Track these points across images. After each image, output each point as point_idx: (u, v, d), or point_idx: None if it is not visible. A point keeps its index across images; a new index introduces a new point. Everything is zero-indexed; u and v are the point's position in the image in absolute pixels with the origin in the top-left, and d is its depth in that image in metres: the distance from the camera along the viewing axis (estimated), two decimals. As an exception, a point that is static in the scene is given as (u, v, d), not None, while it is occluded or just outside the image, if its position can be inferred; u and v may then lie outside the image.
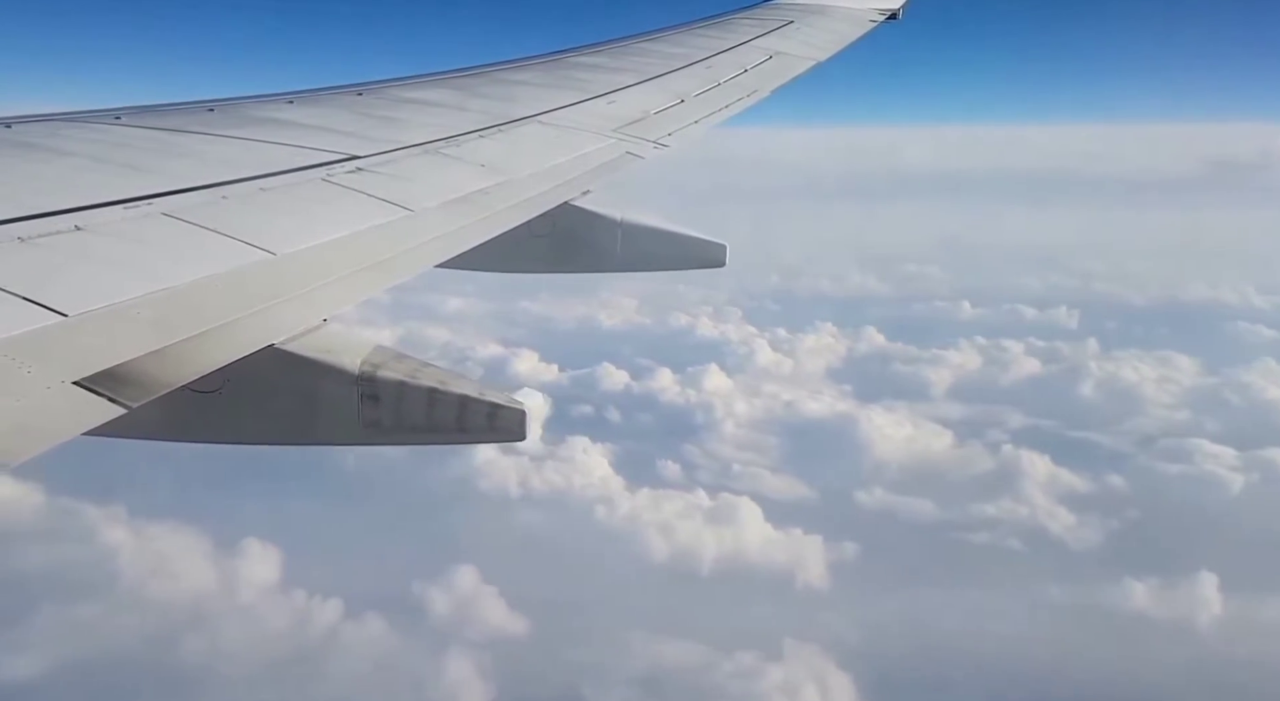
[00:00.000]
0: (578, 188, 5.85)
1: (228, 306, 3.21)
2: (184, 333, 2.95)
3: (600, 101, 7.60)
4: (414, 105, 6.69)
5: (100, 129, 4.95)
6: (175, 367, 2.81)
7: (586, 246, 6.12)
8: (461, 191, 5.03)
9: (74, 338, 2.73)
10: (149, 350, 2.78)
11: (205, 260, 3.46)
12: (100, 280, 3.09)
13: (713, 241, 6.48)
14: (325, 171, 4.76)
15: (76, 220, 3.47)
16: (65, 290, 2.92)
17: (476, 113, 6.67)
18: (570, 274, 6.78)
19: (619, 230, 6.17)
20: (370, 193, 4.63)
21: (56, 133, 4.75)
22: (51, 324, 2.73)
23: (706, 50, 9.80)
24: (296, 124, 5.67)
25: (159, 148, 4.79)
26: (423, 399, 3.59)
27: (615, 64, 8.93)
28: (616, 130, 6.94)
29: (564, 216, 5.74)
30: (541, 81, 8.06)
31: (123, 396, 2.57)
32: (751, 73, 9.28)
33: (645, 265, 6.44)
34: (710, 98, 8.32)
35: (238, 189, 4.25)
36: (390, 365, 3.60)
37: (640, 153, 6.64)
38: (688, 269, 6.60)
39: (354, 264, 3.88)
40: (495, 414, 3.65)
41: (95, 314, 2.86)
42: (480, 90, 7.46)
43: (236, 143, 5.10)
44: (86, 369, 2.59)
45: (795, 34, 11.02)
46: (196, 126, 5.29)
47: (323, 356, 3.47)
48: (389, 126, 5.92)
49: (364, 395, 3.55)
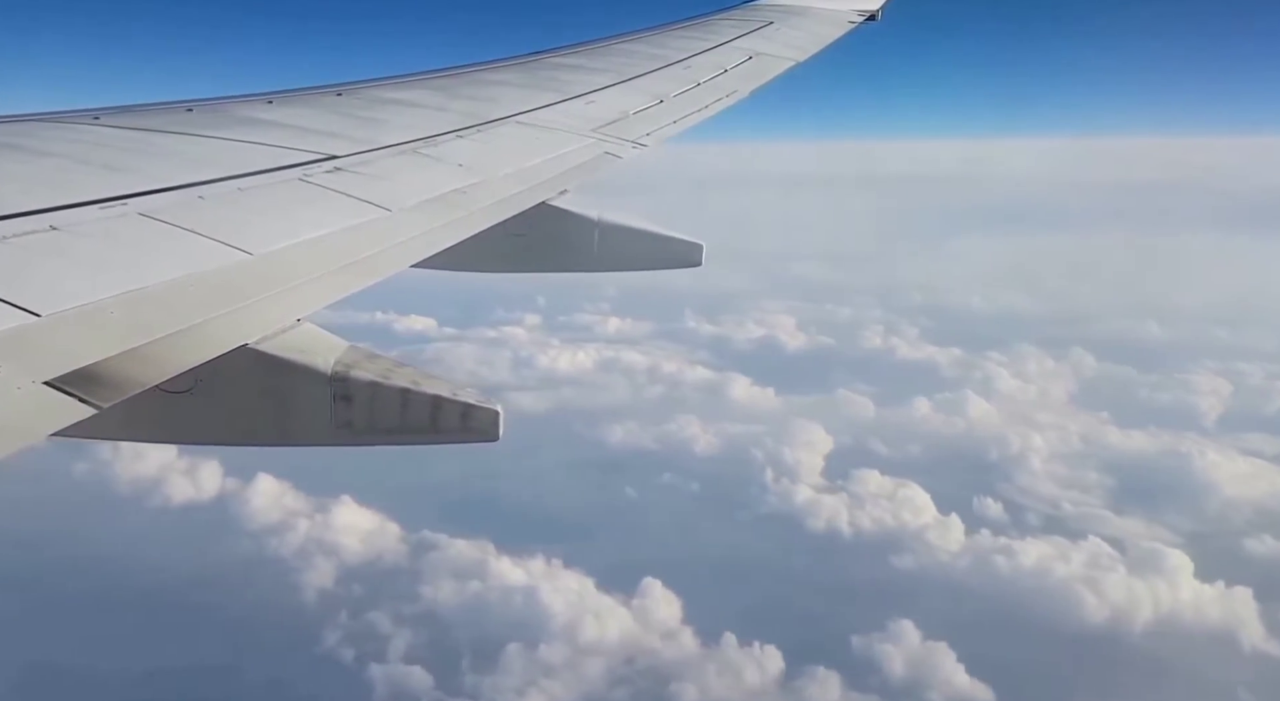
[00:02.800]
0: (555, 188, 5.88)
1: (202, 306, 3.22)
2: (157, 332, 2.96)
3: (579, 102, 7.63)
4: (393, 105, 6.70)
5: (78, 129, 4.95)
6: (147, 368, 2.83)
7: (564, 246, 6.15)
8: (439, 191, 5.05)
9: (46, 337, 2.74)
10: (121, 350, 2.79)
11: (181, 260, 3.46)
12: (74, 280, 3.10)
13: (690, 241, 6.52)
14: (303, 171, 4.77)
15: (52, 220, 3.48)
16: (39, 290, 2.93)
17: (455, 113, 6.69)
18: (549, 273, 6.81)
19: (596, 230, 6.20)
20: (348, 193, 4.65)
21: (33, 133, 4.74)
22: (24, 324, 2.74)
23: (686, 51, 9.83)
24: (275, 124, 5.67)
25: (136, 148, 4.79)
26: (395, 399, 3.61)
27: (594, 65, 8.96)
28: (595, 130, 6.97)
29: (541, 216, 5.76)
30: (520, 82, 8.07)
31: (94, 397, 2.58)
32: (731, 73, 9.32)
33: (623, 265, 6.47)
34: (689, 98, 8.36)
35: (215, 189, 4.26)
36: (363, 365, 3.61)
37: (619, 153, 6.67)
38: (665, 269, 6.64)
39: (331, 264, 3.89)
40: (469, 414, 3.67)
41: (68, 314, 2.87)
42: (459, 91, 7.47)
43: (214, 143, 5.11)
44: (58, 369, 2.60)
45: (775, 35, 11.06)
46: (174, 126, 5.29)
47: (295, 356, 3.48)
48: (368, 126, 5.94)
49: (337, 395, 3.56)
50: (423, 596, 54.46)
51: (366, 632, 51.26)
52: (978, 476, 69.03)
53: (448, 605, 53.75)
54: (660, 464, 71.22)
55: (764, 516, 64.54)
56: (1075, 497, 67.09)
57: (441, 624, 52.13)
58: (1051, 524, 62.99)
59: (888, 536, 61.40)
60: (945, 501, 63.78)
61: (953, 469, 69.68)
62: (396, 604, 53.56)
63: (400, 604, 53.61)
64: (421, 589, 55.06)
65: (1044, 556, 57.93)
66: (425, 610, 53.32)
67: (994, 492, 66.53)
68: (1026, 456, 72.12)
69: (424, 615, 52.83)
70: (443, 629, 51.68)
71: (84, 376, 2.63)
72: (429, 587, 55.09)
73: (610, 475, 69.44)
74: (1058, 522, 63.23)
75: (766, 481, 68.44)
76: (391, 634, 51.13)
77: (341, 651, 50.08)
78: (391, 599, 53.91)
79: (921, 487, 65.58)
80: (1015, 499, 66.50)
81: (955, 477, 67.76)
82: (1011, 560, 57.83)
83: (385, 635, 51.08)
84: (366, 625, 51.76)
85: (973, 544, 60.14)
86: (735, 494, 66.97)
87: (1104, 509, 65.42)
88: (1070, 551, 58.37)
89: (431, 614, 52.94)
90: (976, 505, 64.73)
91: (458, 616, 52.76)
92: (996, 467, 71.05)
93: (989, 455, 73.07)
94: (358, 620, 52.11)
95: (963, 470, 69.74)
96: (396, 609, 53.10)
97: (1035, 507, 65.56)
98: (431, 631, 51.35)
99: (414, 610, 53.23)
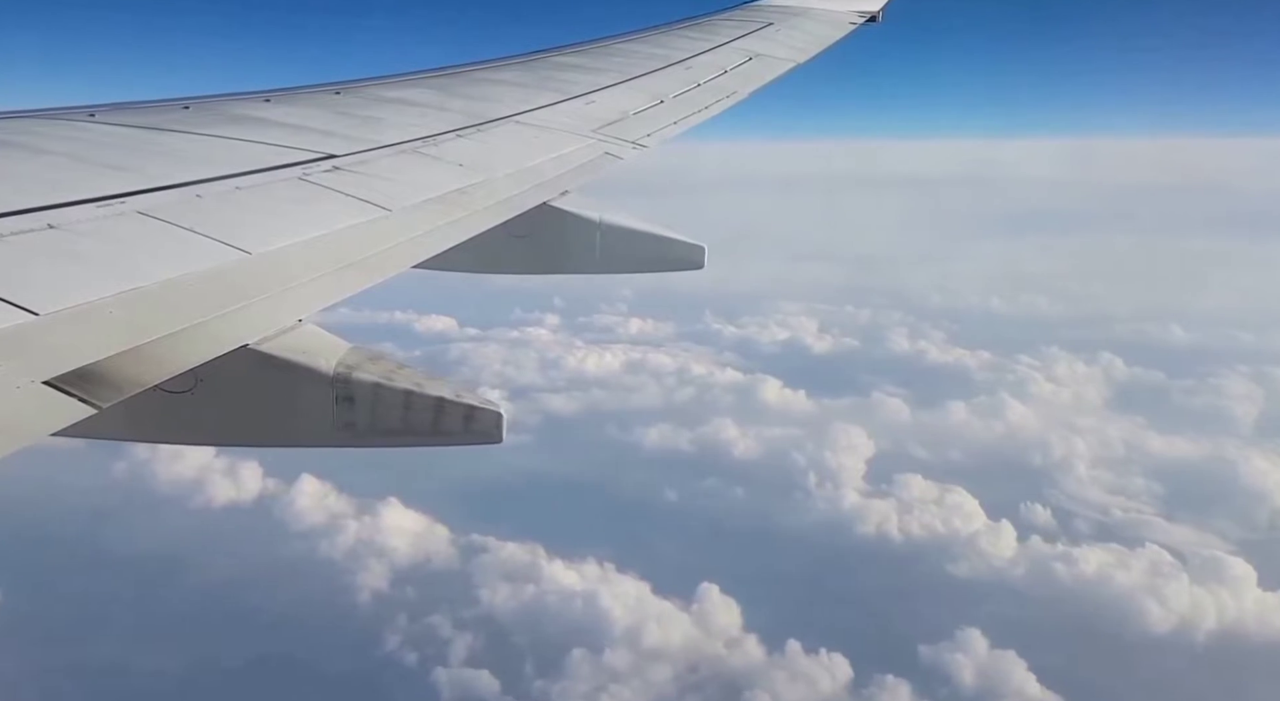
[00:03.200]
0: (556, 188, 5.85)
1: (201, 306, 3.19)
2: (157, 332, 2.93)
3: (579, 102, 7.61)
4: (392, 104, 6.67)
5: (75, 126, 4.91)
6: (147, 367, 2.80)
7: (565, 247, 6.11)
8: (439, 191, 5.02)
9: (45, 337, 2.71)
10: (120, 350, 2.76)
11: (180, 259, 3.44)
12: (73, 279, 3.07)
13: (692, 243, 6.48)
14: (302, 170, 4.74)
15: (50, 218, 3.45)
16: (37, 289, 2.90)
17: (455, 112, 6.66)
18: (549, 275, 6.77)
19: (597, 231, 6.17)
20: (347, 192, 4.62)
21: (31, 130, 4.71)
22: (22, 322, 2.71)
23: (686, 52, 9.82)
24: (274, 122, 5.64)
25: (134, 146, 4.76)
26: (399, 401, 3.58)
27: (595, 64, 8.94)
28: (595, 131, 6.95)
29: (542, 217, 5.73)
30: (520, 81, 8.05)
31: (94, 396, 2.55)
32: (731, 74, 9.30)
33: (624, 266, 6.44)
34: (689, 99, 8.34)
35: (213, 187, 4.23)
36: (366, 366, 3.58)
37: (619, 153, 6.65)
38: (667, 271, 6.61)
39: (330, 263, 3.86)
40: (471, 416, 3.64)
41: (67, 313, 2.84)
42: (459, 90, 7.45)
43: (213, 141, 5.07)
44: (57, 368, 2.57)
45: (775, 36, 11.05)
46: (172, 124, 5.26)
47: (297, 357, 3.45)
48: (367, 126, 5.90)
49: (339, 396, 3.54)
50: (479, 599, 54.47)
51: (427, 636, 51.25)
52: (1023, 482, 68.55)
53: (505, 609, 53.78)
54: (701, 468, 70.95)
55: (813, 522, 64.01)
56: (1124, 504, 66.80)
57: (501, 628, 52.08)
58: (1103, 531, 62.72)
59: (939, 542, 60.97)
60: (993, 507, 63.43)
61: (996, 474, 69.23)
62: (454, 607, 53.53)
63: (458, 607, 53.59)
64: (477, 592, 55.08)
65: (1104, 564, 57.76)
66: (483, 613, 53.30)
67: (1041, 498, 66.19)
68: (1070, 461, 71.80)
69: (482, 618, 52.82)
70: (502, 633, 51.67)
71: (83, 376, 2.60)
72: (484, 590, 55.12)
73: (651, 478, 69.15)
74: (1109, 530, 62.93)
75: (810, 486, 68.09)
76: (452, 637, 51.12)
77: (404, 654, 50.10)
78: (448, 602, 53.89)
79: (968, 493, 65.31)
80: (1063, 505, 66.13)
81: (1000, 483, 67.27)
82: (1071, 568, 57.65)
83: (446, 638, 51.08)
84: (427, 628, 51.73)
85: (1027, 551, 59.84)
86: (780, 498, 66.57)
87: (1155, 515, 65.10)
88: (1129, 559, 58.22)
89: (490, 617, 52.90)
90: (1024, 511, 64.31)
91: (517, 620, 52.72)
92: (1041, 473, 70.66)
93: (1032, 460, 72.66)
94: (417, 623, 52.08)
95: (1006, 475, 69.31)
96: (455, 612, 53.06)
97: (1084, 514, 65.27)
98: (491, 635, 51.33)
99: (473, 613, 53.24)
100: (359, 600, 54.75)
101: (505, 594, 54.67)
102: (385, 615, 52.92)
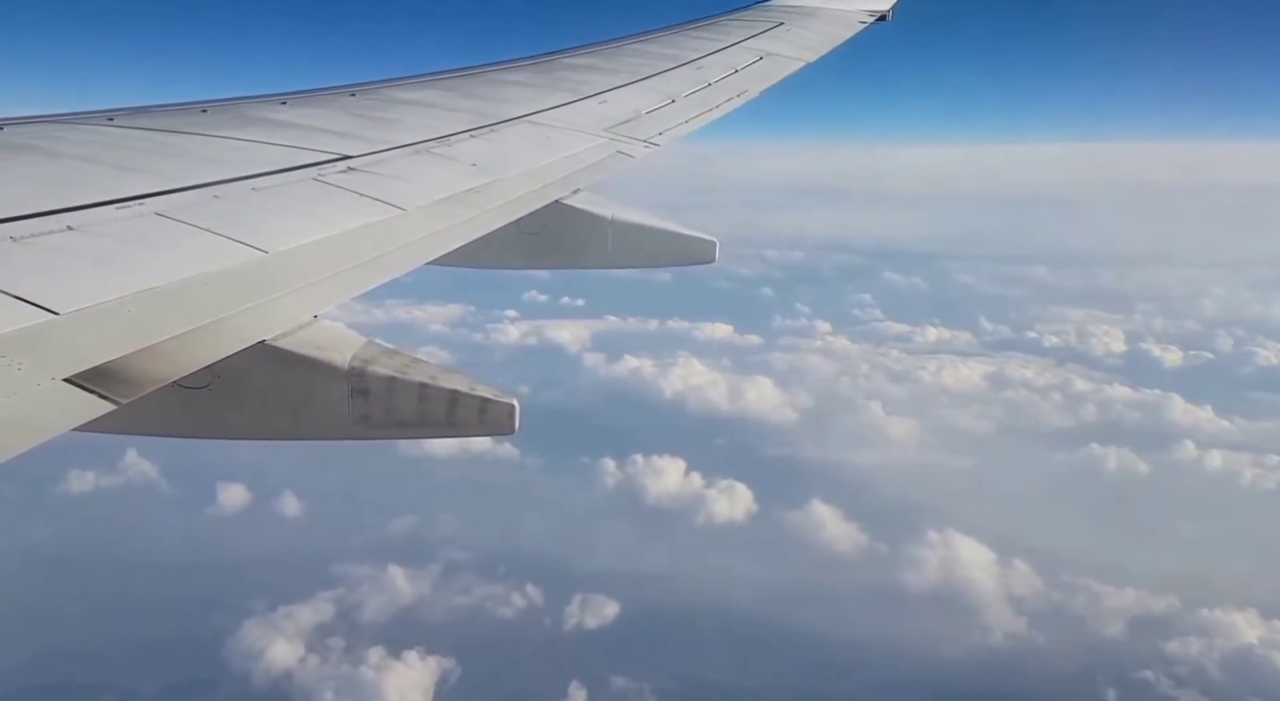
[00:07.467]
0: (568, 187, 5.88)
1: (218, 304, 3.23)
2: (174, 330, 2.98)
3: (591, 102, 7.64)
4: (406, 106, 6.72)
5: (93, 130, 4.97)
6: (165, 364, 2.84)
7: (577, 243, 6.15)
8: (453, 190, 5.05)
9: (65, 335, 2.76)
10: (139, 347, 2.81)
11: (197, 259, 3.48)
12: (92, 279, 3.11)
13: (703, 238, 6.51)
14: (317, 171, 4.79)
15: (69, 220, 3.49)
16: (57, 289, 2.95)
17: (468, 113, 6.70)
18: (562, 270, 6.81)
19: (609, 228, 6.20)
20: (362, 192, 4.66)
21: (49, 134, 4.76)
22: (43, 322, 2.76)
23: (697, 51, 9.83)
24: (289, 124, 5.69)
25: (152, 148, 4.81)
26: (413, 394, 3.62)
27: (606, 65, 8.97)
28: (607, 130, 6.98)
29: (554, 214, 5.77)
30: (532, 82, 8.08)
31: (113, 393, 2.60)
32: (741, 74, 9.32)
33: (636, 262, 6.47)
34: (700, 98, 8.36)
35: (230, 188, 4.28)
36: (381, 360, 3.63)
37: (631, 152, 6.68)
38: (679, 266, 6.63)
39: (345, 262, 3.90)
40: (485, 408, 3.68)
41: (86, 312, 2.89)
42: (472, 91, 7.49)
43: (229, 143, 5.12)
44: (77, 366, 2.62)
45: (785, 35, 11.06)
46: (190, 127, 5.31)
47: (313, 352, 3.50)
48: (381, 127, 5.95)
49: (354, 390, 3.58)
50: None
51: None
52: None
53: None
54: (1195, 495, 69.63)
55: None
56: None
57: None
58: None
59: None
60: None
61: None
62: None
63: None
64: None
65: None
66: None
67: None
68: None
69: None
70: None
71: (103, 373, 2.64)
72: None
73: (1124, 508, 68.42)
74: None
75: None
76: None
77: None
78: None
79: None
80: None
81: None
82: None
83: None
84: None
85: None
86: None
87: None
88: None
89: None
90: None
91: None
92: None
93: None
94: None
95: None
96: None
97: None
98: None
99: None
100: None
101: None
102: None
